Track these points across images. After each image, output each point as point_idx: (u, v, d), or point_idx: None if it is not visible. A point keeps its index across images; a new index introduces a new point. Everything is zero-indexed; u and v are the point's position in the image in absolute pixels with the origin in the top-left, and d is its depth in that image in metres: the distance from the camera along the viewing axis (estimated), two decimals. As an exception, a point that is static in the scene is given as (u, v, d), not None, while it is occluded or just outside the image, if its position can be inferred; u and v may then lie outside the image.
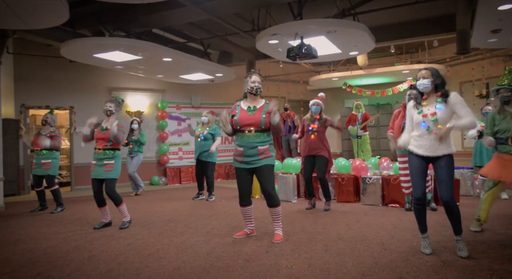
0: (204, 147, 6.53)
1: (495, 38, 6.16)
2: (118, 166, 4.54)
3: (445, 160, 3.06)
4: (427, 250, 3.16)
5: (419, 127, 3.14)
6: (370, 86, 11.11)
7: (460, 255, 3.02)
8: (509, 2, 4.54)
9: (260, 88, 3.77)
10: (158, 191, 8.30)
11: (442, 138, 3.00)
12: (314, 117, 5.38)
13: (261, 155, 3.68)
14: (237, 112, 3.78)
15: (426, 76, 3.10)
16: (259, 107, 3.74)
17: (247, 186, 3.85)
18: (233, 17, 7.06)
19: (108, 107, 4.54)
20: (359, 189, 5.90)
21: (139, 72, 8.21)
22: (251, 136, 3.66)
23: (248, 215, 3.93)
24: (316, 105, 5.37)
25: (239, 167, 3.79)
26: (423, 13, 7.25)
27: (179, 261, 3.18)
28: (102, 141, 4.45)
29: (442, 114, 3.03)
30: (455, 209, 3.05)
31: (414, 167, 3.19)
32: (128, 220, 4.60)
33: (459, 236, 3.10)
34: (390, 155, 10.69)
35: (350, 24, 5.59)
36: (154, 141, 9.79)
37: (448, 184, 3.04)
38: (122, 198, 4.59)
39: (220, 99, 10.77)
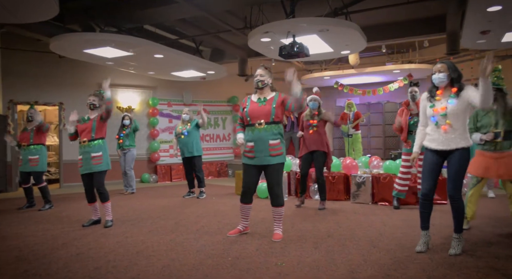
0: (188, 143, 6.49)
1: (484, 39, 6.24)
2: (107, 157, 4.49)
3: (458, 155, 3.02)
4: (419, 248, 3.17)
5: (430, 121, 3.13)
6: (362, 85, 11.18)
7: (450, 253, 3.05)
8: (498, 4, 4.60)
9: (262, 81, 3.69)
10: (148, 189, 8.26)
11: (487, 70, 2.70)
12: (313, 113, 5.38)
13: (273, 151, 3.59)
14: (247, 105, 3.72)
15: (442, 70, 3.05)
16: (269, 98, 3.68)
17: (253, 184, 3.78)
18: (226, 14, 7.03)
19: (91, 101, 4.49)
20: (350, 188, 5.94)
21: (130, 69, 8.15)
22: (261, 129, 3.60)
23: (246, 213, 3.89)
24: (314, 100, 5.36)
25: (249, 163, 3.70)
26: (414, 14, 7.31)
27: (169, 259, 3.17)
28: (86, 132, 4.39)
29: (453, 108, 2.99)
30: (461, 206, 3.07)
31: (427, 162, 3.16)
32: (111, 219, 4.54)
33: (458, 234, 3.12)
34: (381, 154, 10.79)
35: (342, 23, 5.61)
36: (144, 138, 9.73)
37: (455, 180, 3.03)
38: (109, 196, 4.55)
39: (211, 96, 10.74)
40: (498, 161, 3.57)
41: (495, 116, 3.63)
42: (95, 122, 4.42)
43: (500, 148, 3.58)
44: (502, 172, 3.56)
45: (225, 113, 11.04)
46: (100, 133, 4.46)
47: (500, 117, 3.60)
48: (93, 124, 4.41)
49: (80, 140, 4.44)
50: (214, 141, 10.89)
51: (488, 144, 3.63)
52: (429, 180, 3.14)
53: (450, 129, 3.02)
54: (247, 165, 3.73)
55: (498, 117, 3.61)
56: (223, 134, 11.04)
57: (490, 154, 3.61)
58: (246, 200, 3.83)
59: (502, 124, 3.57)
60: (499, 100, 3.67)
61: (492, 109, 3.68)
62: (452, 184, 3.05)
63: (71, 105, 8.64)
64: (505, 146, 3.58)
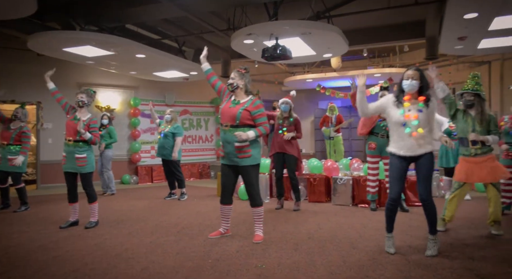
0: (164, 145, 6.41)
1: (461, 45, 6.40)
2: (92, 159, 4.42)
3: (425, 159, 3.13)
4: (391, 250, 3.24)
5: (400, 128, 3.17)
6: (344, 88, 11.31)
7: (427, 254, 3.12)
8: (474, 11, 4.73)
9: (231, 84, 3.69)
10: (128, 190, 8.14)
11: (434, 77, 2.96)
12: (284, 116, 5.42)
13: (240, 154, 3.61)
14: (226, 100, 3.74)
15: (416, 77, 3.12)
16: (242, 102, 3.68)
17: (229, 184, 3.81)
18: (209, 15, 7.01)
19: (80, 98, 4.42)
20: (330, 189, 6.00)
21: (111, 68, 8.02)
22: (227, 131, 3.63)
23: (226, 214, 3.89)
24: (285, 104, 5.42)
25: (223, 163, 3.77)
26: (395, 19, 7.46)
27: (148, 261, 3.13)
28: (72, 131, 4.30)
29: (423, 117, 3.10)
30: (433, 208, 3.14)
31: (394, 168, 3.24)
32: (96, 221, 4.48)
33: (433, 236, 3.20)
34: (361, 156, 10.95)
35: (324, 27, 5.67)
36: (125, 139, 9.59)
37: (426, 183, 3.13)
38: (97, 196, 4.48)
39: (194, 97, 10.68)
40: (480, 165, 3.70)
41: (472, 122, 3.73)
42: (83, 126, 4.30)
43: (480, 154, 3.70)
44: (484, 176, 3.69)
45: (207, 114, 10.99)
46: None
47: (477, 123, 3.71)
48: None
49: (66, 137, 4.34)
50: (197, 142, 10.82)
51: (469, 151, 3.74)
52: (397, 186, 3.21)
53: (420, 136, 3.11)
54: (223, 165, 3.79)
55: (475, 124, 3.72)
56: (206, 136, 10.98)
57: (472, 159, 3.73)
58: (225, 201, 3.85)
59: (480, 131, 3.69)
60: (477, 105, 3.78)
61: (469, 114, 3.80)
62: (423, 188, 3.13)
63: (50, 104, 8.44)
64: (484, 151, 3.71)
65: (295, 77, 10.91)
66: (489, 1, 4.43)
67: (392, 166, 3.26)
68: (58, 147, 4.50)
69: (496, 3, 4.48)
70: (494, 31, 5.53)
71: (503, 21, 5.10)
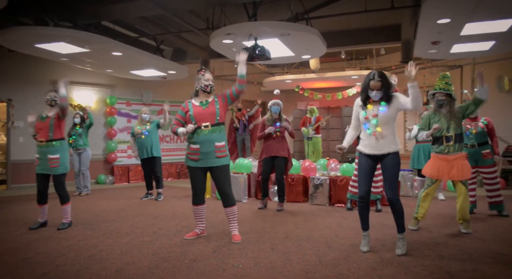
0: (148, 143, 6.34)
1: (435, 49, 6.59)
2: (65, 159, 4.31)
3: (390, 159, 3.19)
4: (365, 248, 3.30)
5: (362, 128, 3.28)
6: (322, 90, 11.45)
7: (397, 253, 3.20)
8: (447, 17, 4.89)
9: (213, 86, 3.76)
10: (104, 190, 7.97)
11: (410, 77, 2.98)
12: (275, 118, 5.42)
13: (218, 153, 3.64)
14: (190, 108, 3.72)
15: (380, 88, 3.13)
16: (210, 100, 3.72)
17: (201, 185, 3.81)
18: (188, 14, 6.96)
19: (52, 97, 4.31)
20: (308, 189, 6.06)
21: (86, 66, 7.83)
22: (208, 131, 3.62)
23: (200, 214, 3.89)
24: (276, 105, 5.42)
25: (194, 166, 3.72)
26: (372, 22, 7.62)
27: (123, 262, 3.08)
28: (43, 131, 4.19)
29: (383, 116, 3.15)
30: (399, 208, 3.21)
31: (361, 166, 3.31)
32: (69, 222, 4.37)
33: (401, 234, 3.27)
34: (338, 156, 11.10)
35: (303, 28, 5.72)
36: (101, 138, 9.39)
37: (392, 183, 3.20)
38: (69, 197, 4.37)
39: (172, 96, 10.53)
40: (450, 163, 3.84)
41: (446, 121, 3.88)
42: (52, 121, 4.21)
43: (452, 151, 3.84)
44: (454, 173, 3.83)
45: (186, 113, 10.89)
46: (58, 133, 4.27)
47: (450, 120, 3.86)
48: (50, 122, 4.21)
49: (37, 138, 4.23)
50: (175, 142, 10.71)
51: (441, 148, 3.87)
52: (365, 184, 3.27)
53: (380, 135, 3.17)
54: (192, 168, 3.74)
55: (449, 121, 3.87)
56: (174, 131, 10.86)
57: (443, 157, 3.86)
58: (198, 201, 3.84)
59: (453, 128, 3.84)
60: (447, 105, 3.93)
61: (442, 113, 3.94)
62: (390, 188, 3.20)
63: (21, 102, 8.19)
64: (456, 149, 3.85)
65: (274, 77, 10.97)
66: (461, 8, 4.58)
67: (360, 164, 3.33)
68: (30, 146, 4.37)
69: (467, 10, 4.64)
70: (466, 36, 5.72)
71: (473, 27, 5.29)
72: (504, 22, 5.07)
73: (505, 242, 3.58)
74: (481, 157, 4.74)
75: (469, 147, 4.77)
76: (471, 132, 4.76)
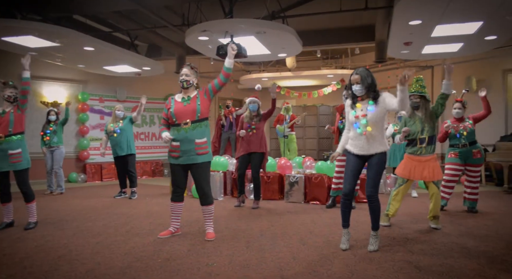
0: (121, 141, 6.20)
1: (407, 50, 6.76)
2: (26, 154, 4.15)
3: (377, 158, 3.24)
4: (344, 246, 3.33)
5: (353, 128, 3.31)
6: (298, 88, 11.54)
7: (369, 249, 3.27)
8: (418, 18, 5.02)
9: (187, 81, 3.65)
10: (76, 189, 7.76)
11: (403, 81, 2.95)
12: (253, 115, 5.42)
13: (199, 150, 3.59)
14: (172, 105, 3.66)
15: (359, 81, 3.20)
16: (193, 96, 3.66)
17: (182, 182, 3.75)
18: (163, 10, 6.85)
19: (13, 93, 4.09)
20: (284, 187, 6.10)
21: (56, 61, 7.58)
22: (187, 128, 3.57)
23: (177, 212, 3.82)
24: (253, 103, 5.42)
25: (175, 163, 3.67)
26: (347, 22, 7.73)
27: (94, 263, 3.01)
28: (1, 127, 4.00)
29: (372, 115, 3.19)
30: (377, 205, 3.27)
31: (349, 165, 3.34)
32: (35, 221, 4.22)
33: (375, 232, 3.34)
34: (314, 154, 11.23)
35: (278, 27, 5.74)
36: (73, 135, 9.14)
37: (374, 180, 3.25)
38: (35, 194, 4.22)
39: (147, 93, 10.20)
40: (423, 164, 3.97)
41: (420, 124, 3.99)
42: (12, 115, 4.04)
43: (424, 153, 3.97)
44: (426, 174, 3.96)
45: (161, 111, 10.72)
46: (19, 127, 4.09)
47: (425, 123, 3.97)
48: (10, 117, 4.03)
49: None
50: (150, 139, 10.55)
51: (414, 149, 3.98)
52: (351, 182, 3.32)
53: (370, 135, 3.22)
54: (173, 165, 3.70)
55: (423, 124, 3.98)
56: (159, 133, 10.71)
57: (416, 158, 3.98)
58: (176, 198, 3.78)
59: (427, 131, 3.97)
60: (422, 107, 4.05)
61: (417, 116, 4.04)
62: (371, 186, 3.26)
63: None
64: (429, 151, 3.98)
65: (251, 75, 10.97)
66: (431, 10, 4.71)
67: (348, 163, 3.36)
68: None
69: (437, 12, 4.78)
70: (436, 38, 5.90)
71: (443, 29, 5.46)
72: (471, 25, 5.26)
73: (470, 237, 3.72)
74: (471, 155, 4.89)
75: (461, 147, 4.89)
76: (462, 133, 4.88)
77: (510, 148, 6.87)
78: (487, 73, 8.33)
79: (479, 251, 3.27)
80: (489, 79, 8.03)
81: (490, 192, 6.86)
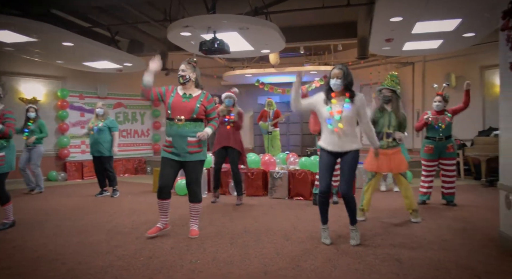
0: (99, 140, 6.09)
1: (388, 46, 6.84)
2: (11, 158, 4.05)
3: (350, 156, 3.27)
4: (327, 241, 3.37)
5: (325, 123, 3.29)
6: (282, 84, 11.56)
7: (351, 243, 3.31)
8: (399, 15, 5.08)
9: (183, 76, 3.58)
10: (56, 188, 7.59)
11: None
12: (229, 109, 5.42)
13: (191, 148, 3.53)
14: (172, 95, 3.56)
15: (340, 76, 3.21)
16: (195, 95, 3.61)
17: (170, 178, 3.61)
18: (144, 5, 6.74)
19: None
20: (268, 183, 6.11)
21: (34, 56, 7.38)
22: (180, 125, 3.51)
23: (165, 209, 3.70)
24: (229, 98, 5.44)
25: (168, 157, 3.57)
26: (330, 19, 7.77)
27: (74, 262, 2.95)
28: None
29: (348, 113, 3.20)
30: (352, 201, 3.30)
31: (323, 162, 3.36)
32: (10, 222, 4.11)
33: (354, 226, 3.38)
34: (298, 150, 11.30)
35: (262, 23, 5.73)
36: (52, 133, 8.88)
37: (347, 178, 3.28)
38: (10, 196, 4.11)
39: (129, 90, 10.22)
40: (389, 157, 4.07)
41: (388, 118, 4.09)
42: None
43: (390, 146, 4.08)
44: (392, 167, 4.08)
45: (144, 107, 10.60)
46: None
47: (393, 119, 4.08)
48: None
49: None
50: (132, 136, 10.40)
51: (381, 143, 4.06)
52: (326, 179, 3.34)
53: (342, 132, 3.23)
54: (166, 159, 3.60)
55: (391, 118, 4.09)
56: (142, 130, 10.59)
57: (383, 151, 4.03)
58: (163, 196, 3.64)
59: (393, 126, 4.10)
60: (393, 102, 4.16)
61: (386, 110, 4.12)
62: (345, 183, 3.29)
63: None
64: (394, 144, 4.10)
65: (234, 71, 10.93)
66: (412, 7, 4.78)
67: (321, 160, 3.38)
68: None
69: (418, 9, 4.85)
70: (417, 34, 5.98)
71: (423, 26, 5.54)
72: (450, 22, 5.36)
73: (449, 230, 3.81)
74: (445, 149, 5.00)
75: (437, 140, 5.00)
76: (440, 126, 4.98)
77: (487, 142, 7.06)
78: (466, 69, 8.51)
79: (457, 243, 3.36)
80: (468, 76, 8.20)
81: (468, 185, 7.04)
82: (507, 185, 3.21)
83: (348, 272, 2.68)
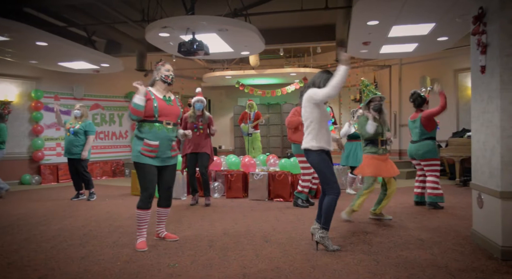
0: (74, 143, 5.95)
1: (366, 49, 6.96)
2: None
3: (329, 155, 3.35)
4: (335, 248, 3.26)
5: (327, 124, 3.33)
6: (262, 86, 11.58)
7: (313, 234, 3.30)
8: (376, 19, 5.17)
9: (174, 77, 3.54)
10: (29, 191, 7.36)
11: None
12: (197, 114, 5.42)
13: (173, 152, 3.50)
14: (153, 98, 3.38)
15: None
16: (173, 99, 3.55)
17: (154, 186, 3.42)
18: (121, 5, 6.62)
19: None
20: (248, 185, 6.10)
21: (6, 56, 7.13)
22: (169, 129, 3.43)
23: (147, 220, 3.40)
24: (200, 102, 5.46)
25: (151, 164, 3.33)
26: (309, 21, 7.84)
27: (47, 268, 2.86)
28: None
29: None
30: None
31: (327, 163, 3.28)
32: None
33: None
34: (278, 152, 11.34)
35: (241, 24, 5.71)
36: (25, 135, 8.64)
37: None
38: None
39: (106, 91, 10.03)
40: (386, 162, 4.20)
41: (381, 126, 4.21)
42: None
43: (386, 152, 4.23)
44: (391, 171, 4.18)
45: (121, 109, 10.41)
46: None
47: (383, 125, 4.20)
48: None
49: None
50: (110, 138, 10.19)
51: (376, 149, 4.17)
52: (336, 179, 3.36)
53: None
54: (149, 166, 3.32)
55: (383, 126, 4.20)
56: (120, 132, 10.40)
57: (381, 157, 4.17)
58: (148, 205, 3.34)
59: (384, 133, 4.21)
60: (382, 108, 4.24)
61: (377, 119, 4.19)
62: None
63: None
64: (387, 150, 4.28)
65: (214, 73, 10.87)
66: (388, 11, 4.87)
67: (325, 162, 3.27)
68: None
69: (394, 13, 4.95)
70: (393, 38, 6.10)
71: (399, 30, 5.66)
72: (425, 26, 5.49)
73: (424, 229, 3.90)
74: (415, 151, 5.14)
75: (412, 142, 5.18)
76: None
77: (461, 143, 7.27)
78: (440, 72, 8.75)
79: (432, 242, 3.43)
80: (442, 78, 8.44)
81: (443, 186, 7.19)
82: (478, 184, 3.31)
83: (326, 273, 2.70)
